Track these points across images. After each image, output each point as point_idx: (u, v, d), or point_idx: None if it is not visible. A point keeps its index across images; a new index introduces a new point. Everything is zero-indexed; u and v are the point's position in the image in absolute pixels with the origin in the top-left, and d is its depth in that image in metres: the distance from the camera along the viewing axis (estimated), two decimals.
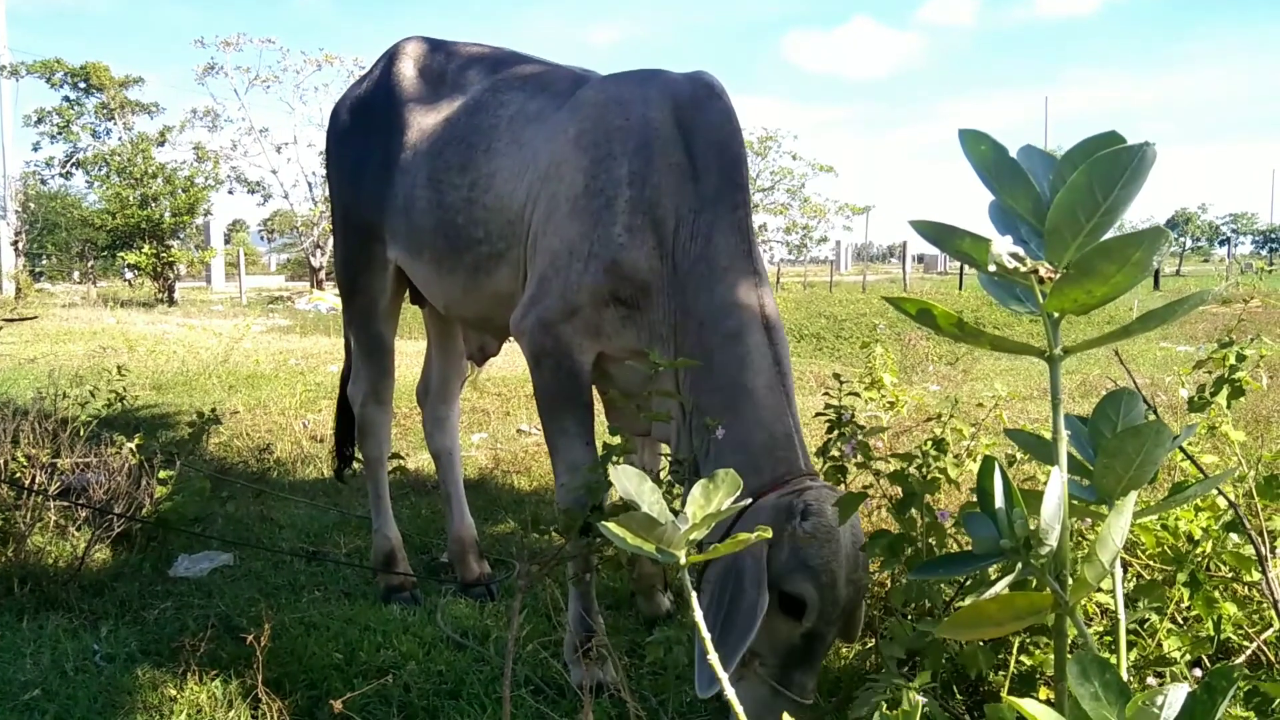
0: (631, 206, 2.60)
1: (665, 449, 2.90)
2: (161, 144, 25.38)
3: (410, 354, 10.06)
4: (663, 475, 2.68)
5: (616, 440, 2.36)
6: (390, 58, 3.46)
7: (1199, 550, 2.35)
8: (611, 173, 2.63)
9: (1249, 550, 2.34)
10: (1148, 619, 2.28)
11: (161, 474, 3.82)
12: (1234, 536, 2.30)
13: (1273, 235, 61.45)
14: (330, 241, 27.65)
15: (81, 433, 4.07)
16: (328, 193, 3.59)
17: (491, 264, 2.93)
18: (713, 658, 1.08)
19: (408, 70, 3.38)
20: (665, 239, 2.59)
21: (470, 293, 3.04)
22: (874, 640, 3.01)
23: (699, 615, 1.15)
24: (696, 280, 2.53)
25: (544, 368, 2.71)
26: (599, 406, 2.96)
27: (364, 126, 3.42)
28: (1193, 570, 2.19)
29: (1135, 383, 2.41)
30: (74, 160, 25.38)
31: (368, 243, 3.37)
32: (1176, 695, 0.98)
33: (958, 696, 2.33)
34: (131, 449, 3.83)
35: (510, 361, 8.39)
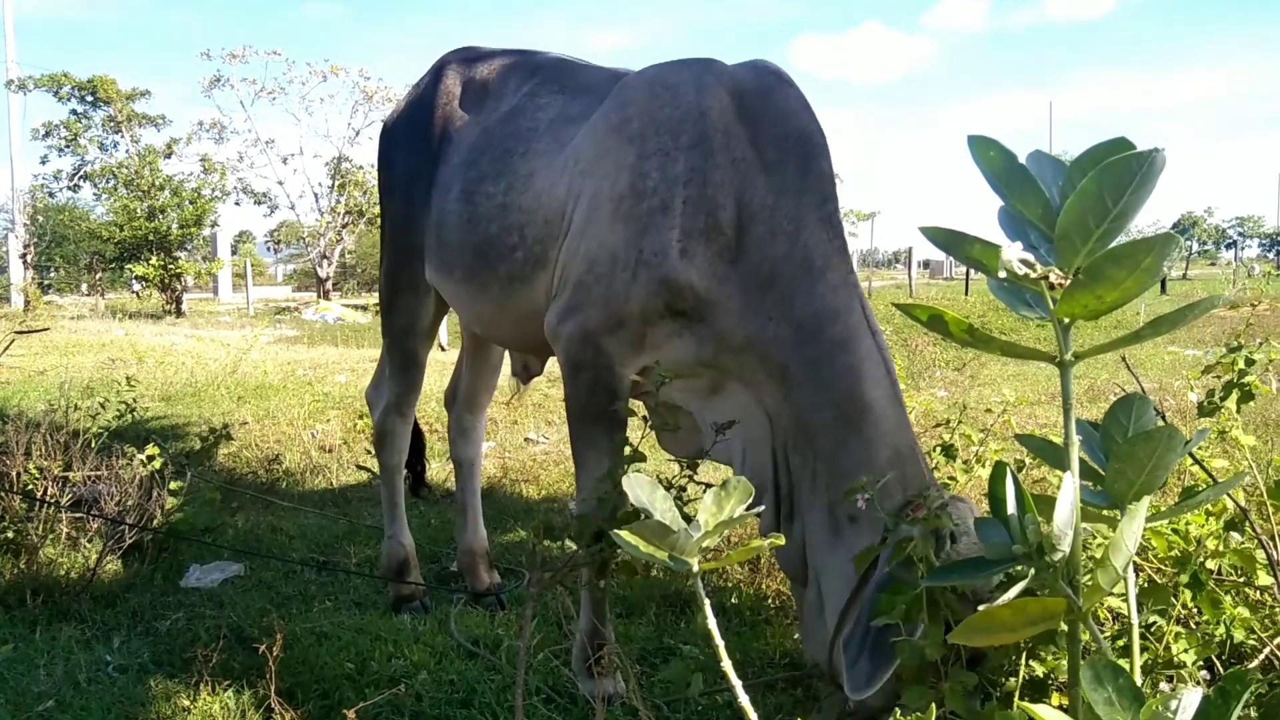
0: (691, 209, 2.37)
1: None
2: (168, 156, 25.50)
3: None
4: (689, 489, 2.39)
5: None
6: (435, 71, 3.37)
7: (1205, 550, 2.34)
8: (665, 171, 2.40)
9: (1258, 553, 2.34)
10: (1154, 623, 2.28)
11: (172, 485, 3.83)
12: (1235, 535, 2.29)
13: (1279, 239, 61.23)
14: (337, 251, 27.78)
15: (93, 445, 4.09)
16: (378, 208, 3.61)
17: (528, 272, 2.73)
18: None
19: (451, 84, 3.27)
20: (732, 243, 2.37)
21: (505, 310, 2.86)
22: None
23: (712, 623, 1.16)
24: (787, 283, 2.31)
25: (580, 380, 2.54)
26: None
27: (407, 143, 3.35)
28: (1195, 571, 2.19)
29: (1143, 387, 2.41)
30: (81, 173, 25.52)
31: (409, 263, 3.29)
32: (1190, 700, 0.98)
33: None
34: (142, 460, 3.84)
35: None
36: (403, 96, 3.62)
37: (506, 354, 3.82)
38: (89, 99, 25.30)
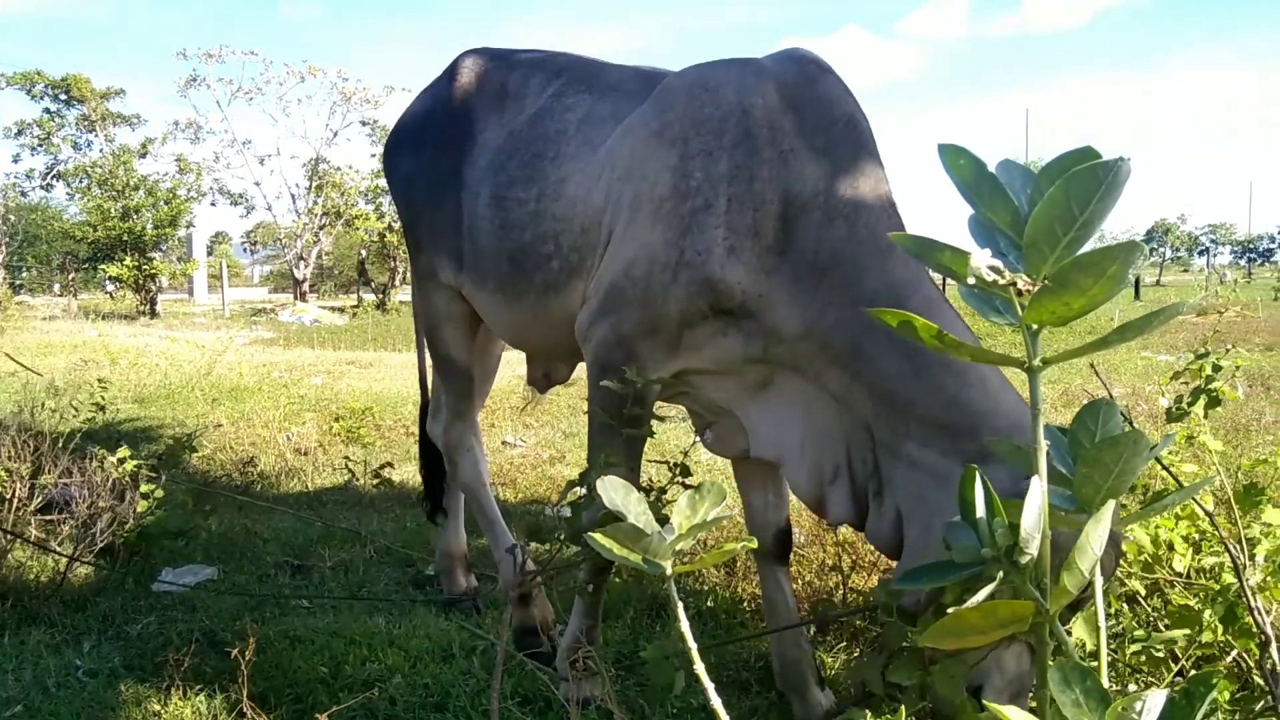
0: (737, 206, 2.35)
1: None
2: (143, 156, 25.37)
3: (394, 366, 10.06)
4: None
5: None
6: (451, 72, 3.25)
7: (1171, 554, 2.38)
8: (709, 171, 2.38)
9: (1217, 557, 2.37)
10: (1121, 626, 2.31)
11: (144, 488, 3.80)
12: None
13: (1250, 246, 62.16)
14: (314, 253, 27.65)
15: (65, 446, 4.05)
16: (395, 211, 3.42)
17: (564, 281, 2.68)
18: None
19: (468, 84, 3.15)
20: (781, 235, 2.34)
21: (540, 318, 2.80)
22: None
23: (685, 626, 1.16)
24: (851, 264, 2.28)
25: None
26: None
27: (422, 144, 3.24)
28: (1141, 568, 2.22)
29: (1111, 393, 2.44)
30: (55, 172, 25.37)
31: (430, 266, 3.20)
32: (1155, 701, 1.00)
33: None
34: (114, 463, 3.81)
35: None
36: (415, 97, 3.46)
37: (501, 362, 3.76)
38: (62, 97, 25.13)
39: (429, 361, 3.59)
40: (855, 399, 2.28)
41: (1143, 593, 2.41)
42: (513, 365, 6.85)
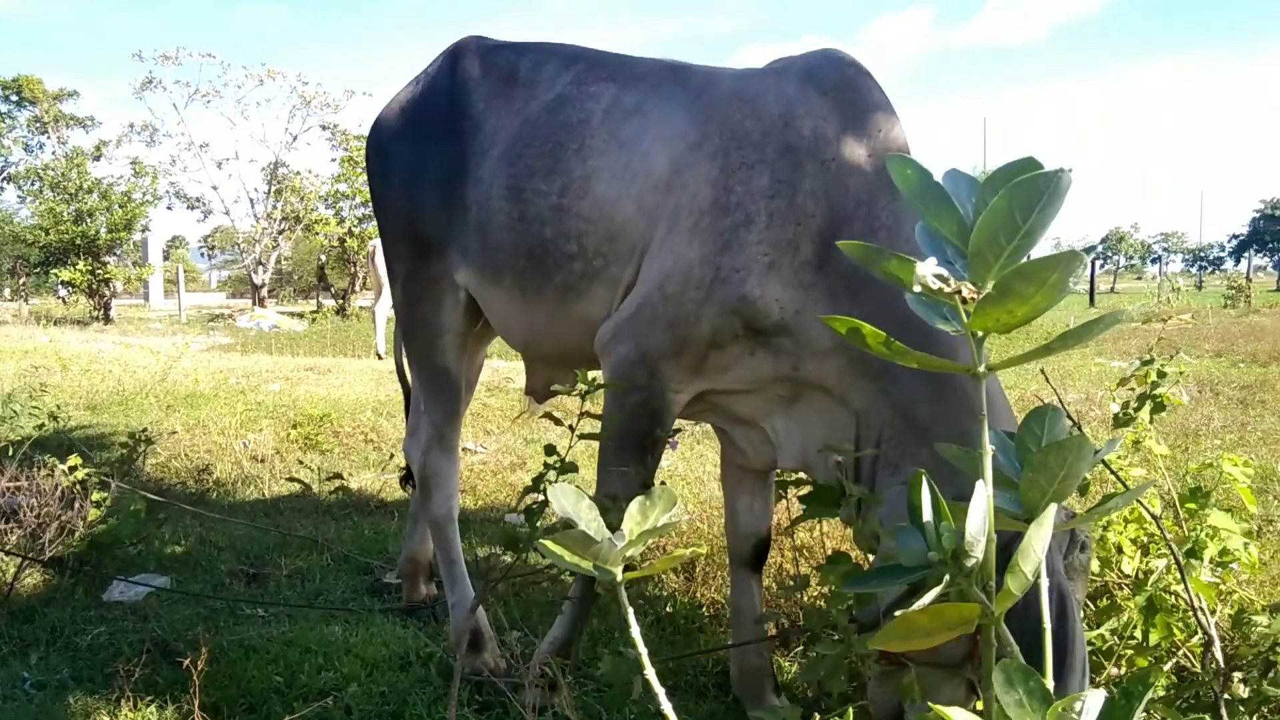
0: (780, 221, 2.28)
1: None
2: (97, 159, 24.99)
3: (353, 372, 9.96)
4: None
5: (552, 458, 2.33)
6: (452, 55, 3.04)
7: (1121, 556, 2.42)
8: (750, 185, 2.31)
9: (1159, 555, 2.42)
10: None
11: (95, 496, 3.73)
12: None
13: (1201, 254, 63.53)
14: (273, 258, 27.34)
15: (12, 454, 3.97)
16: (371, 209, 3.08)
17: (584, 284, 2.57)
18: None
19: (472, 69, 2.95)
20: (820, 249, 2.27)
21: (557, 322, 2.68)
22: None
23: (636, 632, 1.17)
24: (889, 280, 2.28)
25: (627, 403, 2.41)
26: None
27: (421, 132, 3.02)
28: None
29: (1060, 398, 2.49)
30: (5, 175, 24.86)
31: (427, 261, 2.96)
32: (1094, 701, 1.02)
33: None
34: (64, 471, 3.74)
35: None
36: (405, 85, 3.20)
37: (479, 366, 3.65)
38: (13, 98, 24.71)
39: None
40: (876, 415, 2.27)
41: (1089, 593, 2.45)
42: None
